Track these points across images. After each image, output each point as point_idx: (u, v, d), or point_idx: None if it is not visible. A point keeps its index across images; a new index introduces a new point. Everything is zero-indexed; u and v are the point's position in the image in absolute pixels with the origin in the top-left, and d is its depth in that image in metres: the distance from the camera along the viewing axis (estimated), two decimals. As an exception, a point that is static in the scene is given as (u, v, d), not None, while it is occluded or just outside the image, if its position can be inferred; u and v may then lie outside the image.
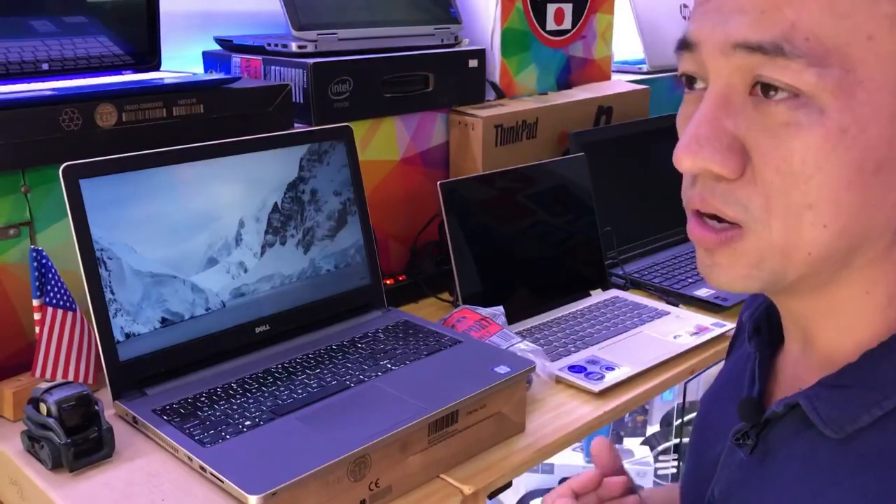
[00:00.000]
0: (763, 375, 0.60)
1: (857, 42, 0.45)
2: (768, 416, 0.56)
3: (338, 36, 1.29)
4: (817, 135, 0.46)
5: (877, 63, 0.46)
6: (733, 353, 0.71)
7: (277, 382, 0.93)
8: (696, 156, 0.48)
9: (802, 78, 0.46)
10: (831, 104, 0.46)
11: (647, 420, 1.89)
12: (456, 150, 1.46)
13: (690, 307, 1.36)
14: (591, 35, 1.70)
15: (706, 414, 0.69)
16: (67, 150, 0.94)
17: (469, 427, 0.92)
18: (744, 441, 0.58)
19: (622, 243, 1.50)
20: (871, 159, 0.46)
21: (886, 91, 0.46)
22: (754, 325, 0.63)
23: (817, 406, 0.52)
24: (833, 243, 0.48)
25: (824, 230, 0.48)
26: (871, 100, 0.46)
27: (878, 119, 0.46)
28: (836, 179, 0.46)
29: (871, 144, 0.46)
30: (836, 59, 0.45)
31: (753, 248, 0.50)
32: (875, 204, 0.48)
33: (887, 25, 0.45)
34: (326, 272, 1.10)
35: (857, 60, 0.45)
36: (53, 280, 0.91)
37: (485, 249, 1.29)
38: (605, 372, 1.12)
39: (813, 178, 0.47)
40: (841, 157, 0.46)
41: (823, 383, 0.52)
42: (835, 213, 0.47)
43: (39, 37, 1.10)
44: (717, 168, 0.48)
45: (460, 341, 1.03)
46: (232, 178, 1.02)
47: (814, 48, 0.45)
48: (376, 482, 0.84)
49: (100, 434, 0.82)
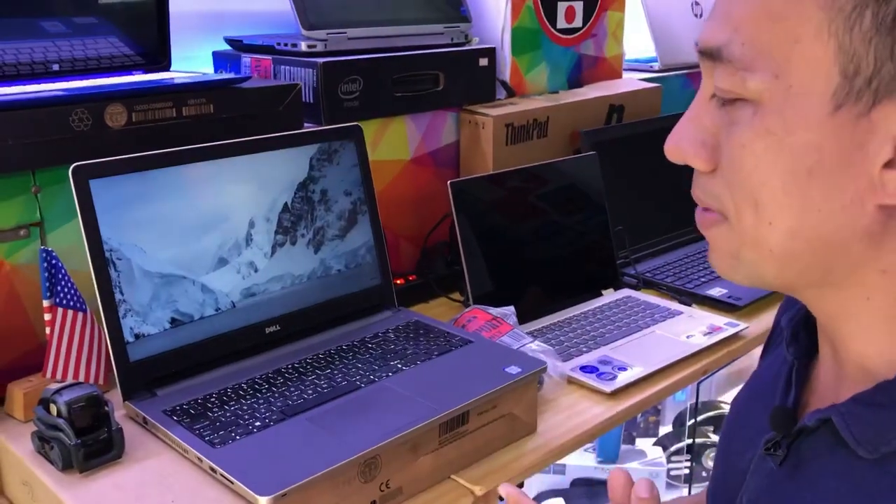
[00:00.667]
0: (799, 383, 0.60)
1: (786, 46, 0.46)
2: (800, 428, 0.55)
3: (347, 35, 1.28)
4: (749, 135, 0.48)
5: (804, 67, 0.46)
6: (768, 356, 0.70)
7: (287, 383, 0.93)
8: (675, 148, 0.53)
9: (734, 81, 0.48)
10: (763, 107, 0.48)
11: (659, 420, 1.88)
12: (466, 149, 1.45)
13: (703, 307, 1.35)
14: (602, 33, 1.69)
15: (737, 417, 0.67)
16: (77, 151, 0.94)
17: (480, 428, 0.91)
18: (774, 451, 0.56)
19: (634, 242, 1.49)
20: (801, 164, 0.47)
21: (814, 95, 0.46)
22: (792, 331, 0.62)
23: (850, 424, 0.51)
24: (788, 243, 0.49)
25: (771, 228, 0.49)
26: (799, 104, 0.46)
27: (807, 124, 0.46)
28: (771, 180, 0.48)
29: (799, 148, 0.47)
30: (767, 63, 0.47)
31: (728, 237, 0.52)
32: (819, 208, 0.48)
33: (813, 29, 0.45)
34: (337, 272, 1.10)
35: (786, 65, 0.46)
36: (64, 281, 0.91)
37: (495, 249, 1.28)
38: (617, 372, 1.11)
39: (752, 175, 0.49)
40: (771, 160, 0.48)
41: (858, 400, 0.51)
42: (778, 212, 0.49)
43: (50, 37, 1.10)
44: (690, 160, 0.53)
45: (471, 341, 1.03)
46: (242, 178, 1.01)
47: (746, 53, 0.47)
48: (387, 483, 0.84)
49: (110, 435, 0.81)
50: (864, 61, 0.44)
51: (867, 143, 0.46)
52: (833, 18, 0.45)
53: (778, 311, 0.70)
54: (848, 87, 0.45)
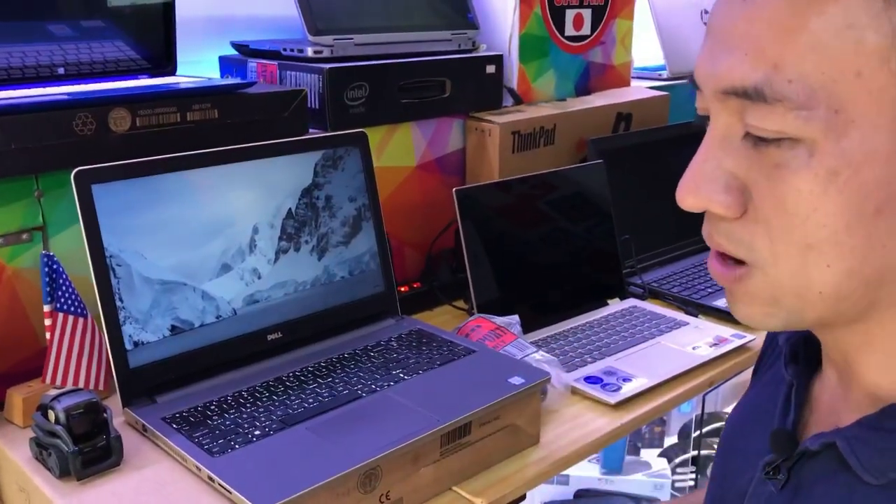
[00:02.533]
0: (799, 404, 0.58)
1: (844, 80, 0.43)
2: (801, 451, 0.54)
3: (354, 41, 1.28)
4: (807, 178, 0.45)
5: (868, 101, 0.43)
6: (762, 373, 0.69)
7: (288, 391, 0.92)
8: (695, 195, 0.48)
9: (787, 122, 0.44)
10: (821, 146, 0.44)
11: (664, 431, 1.87)
12: (472, 156, 1.44)
13: (710, 318, 1.34)
14: (611, 41, 1.69)
15: (733, 437, 0.66)
16: (81, 155, 0.94)
17: (482, 439, 0.90)
18: (774, 475, 0.55)
19: (641, 252, 1.48)
20: (869, 201, 0.44)
21: (882, 129, 0.43)
22: (792, 350, 0.60)
23: (856, 449, 0.49)
24: (843, 283, 0.47)
25: (828, 270, 0.46)
26: (865, 140, 0.44)
27: (874, 160, 0.44)
28: (833, 221, 0.45)
29: (867, 187, 0.44)
30: (823, 99, 0.43)
31: (763, 286, 0.49)
32: (883, 245, 0.46)
33: (876, 60, 0.43)
34: (340, 279, 1.09)
35: (846, 99, 0.43)
36: (64, 286, 0.91)
37: (501, 257, 1.27)
38: (621, 383, 1.10)
39: (809, 219, 0.45)
40: (834, 200, 0.45)
41: (864, 424, 0.50)
42: (838, 253, 0.46)
43: (56, 41, 1.09)
44: (716, 207, 0.48)
45: (474, 351, 1.02)
46: (246, 184, 1.01)
47: (797, 90, 0.44)
48: (387, 494, 0.83)
49: (108, 442, 0.81)
50: None
51: None
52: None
53: None
54: None
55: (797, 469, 0.54)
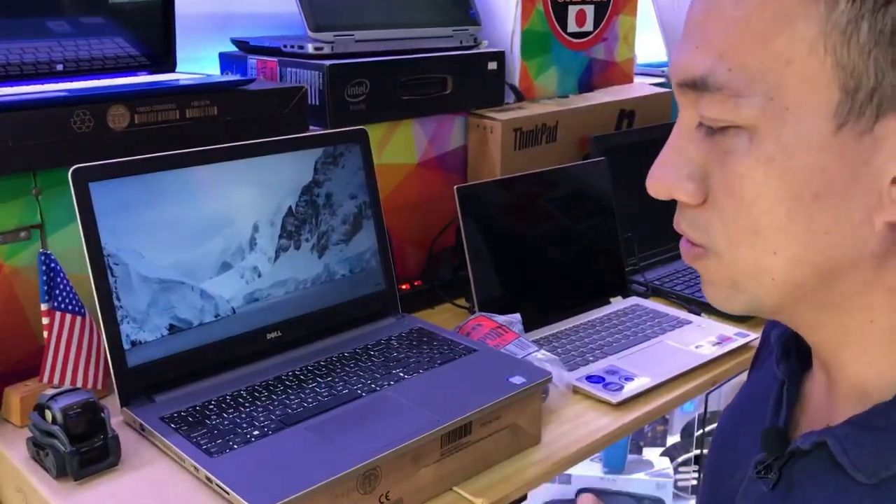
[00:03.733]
0: (790, 403, 0.58)
1: (778, 68, 0.44)
2: (792, 450, 0.53)
3: (355, 37, 1.27)
4: (748, 164, 0.46)
5: (800, 88, 0.44)
6: (756, 371, 0.68)
7: (288, 391, 0.92)
8: (661, 182, 0.51)
9: (727, 109, 0.46)
10: (760, 133, 0.46)
11: (667, 430, 1.85)
12: (474, 153, 1.44)
13: (713, 316, 1.33)
14: (614, 37, 1.68)
15: (726, 435, 0.66)
16: (79, 153, 0.93)
17: (483, 439, 0.90)
18: (765, 474, 0.55)
19: (643, 250, 1.47)
20: (806, 188, 0.45)
21: (814, 116, 0.44)
22: (783, 348, 0.60)
23: (847, 448, 0.49)
24: (793, 270, 0.47)
25: (776, 257, 0.47)
26: (799, 126, 0.44)
27: (808, 146, 0.45)
28: (775, 207, 0.46)
29: (803, 173, 0.45)
30: (760, 86, 0.45)
31: (719, 270, 0.51)
32: (827, 231, 0.46)
33: (806, 47, 0.43)
34: (341, 277, 1.08)
35: (780, 87, 0.44)
36: (62, 284, 0.90)
37: (502, 255, 1.27)
38: (623, 382, 1.09)
39: (754, 205, 0.47)
40: (774, 186, 0.46)
41: (854, 422, 0.49)
42: (782, 240, 0.47)
43: (55, 37, 1.09)
44: (677, 194, 0.50)
45: (475, 350, 1.01)
46: (246, 182, 1.00)
47: (736, 77, 0.45)
48: (387, 495, 0.82)
49: (105, 442, 0.80)
50: (865, 75, 0.43)
51: (872, 159, 0.44)
52: (828, 34, 0.43)
53: (766, 325, 0.68)
54: (849, 103, 0.43)
55: (788, 468, 0.54)
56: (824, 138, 0.44)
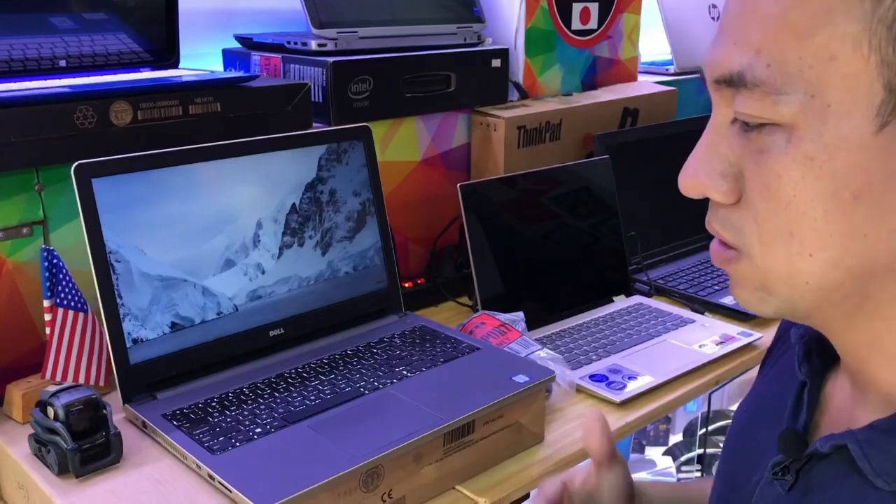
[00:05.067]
0: (811, 404, 0.57)
1: (819, 65, 0.43)
2: (811, 453, 0.52)
3: (358, 34, 1.27)
4: (785, 163, 0.45)
5: (842, 86, 0.43)
6: (770, 368, 0.67)
7: (290, 388, 0.91)
8: (693, 180, 0.50)
9: (765, 106, 0.45)
10: (799, 131, 0.44)
11: (669, 429, 1.85)
12: (477, 151, 1.43)
13: (716, 315, 1.32)
14: (618, 35, 1.67)
15: (741, 434, 0.64)
16: (81, 149, 0.93)
17: (486, 437, 0.89)
18: (783, 475, 0.54)
19: (647, 248, 1.47)
20: (845, 188, 0.44)
21: (856, 115, 0.43)
22: (805, 348, 0.58)
23: (868, 453, 0.48)
24: (829, 273, 0.46)
25: (811, 259, 0.46)
26: (840, 125, 0.43)
27: (848, 146, 0.43)
28: (812, 208, 0.45)
29: (842, 173, 0.44)
30: (800, 83, 0.44)
31: (751, 272, 0.49)
32: (865, 234, 0.45)
33: (849, 45, 0.42)
34: (344, 274, 1.08)
35: (821, 84, 0.43)
36: (65, 281, 0.90)
37: (505, 253, 1.26)
38: (627, 381, 1.09)
39: (790, 205, 0.45)
40: (812, 186, 0.44)
41: (877, 427, 0.48)
42: (818, 242, 0.45)
43: (58, 33, 1.08)
44: (711, 193, 0.49)
45: (478, 348, 1.01)
46: (249, 179, 1.00)
47: (774, 74, 0.44)
48: (389, 493, 0.82)
49: (107, 439, 0.80)
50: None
51: None
52: (874, 31, 0.42)
53: (782, 323, 0.67)
54: (893, 102, 0.42)
55: (806, 471, 0.53)
56: (865, 138, 0.43)
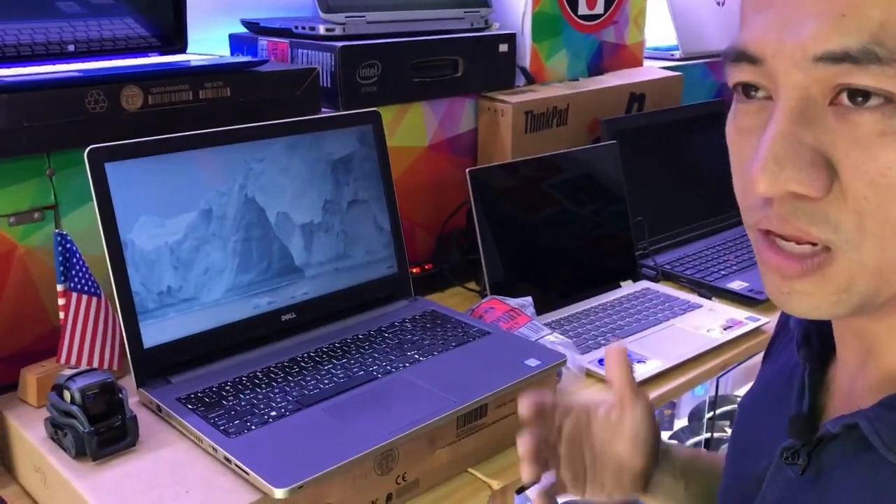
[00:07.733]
0: (814, 388, 0.57)
1: None
2: (821, 435, 0.53)
3: (366, 19, 1.26)
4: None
5: None
6: (774, 357, 0.67)
7: (303, 372, 0.92)
8: (777, 177, 0.43)
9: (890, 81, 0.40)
10: None
11: (674, 414, 1.86)
12: (484, 136, 1.43)
13: (723, 300, 1.33)
14: (624, 20, 1.67)
15: (747, 423, 0.65)
16: (92, 133, 0.93)
17: (498, 421, 0.90)
18: (793, 460, 0.54)
19: (654, 233, 1.47)
20: None
21: None
22: (804, 333, 0.58)
23: (879, 429, 0.48)
24: None
25: None
26: None
27: None
28: None
29: None
30: None
31: (843, 271, 0.45)
32: None
33: None
34: (354, 260, 1.08)
35: None
36: (78, 265, 0.90)
37: (513, 238, 1.26)
38: (635, 366, 1.09)
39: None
40: None
41: (886, 404, 0.48)
42: None
43: (66, 18, 1.08)
44: (802, 188, 0.43)
45: (489, 332, 1.01)
46: (261, 164, 1.00)
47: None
48: (403, 476, 0.83)
49: (123, 422, 0.80)
50: None
51: None
52: None
53: (782, 312, 0.66)
54: None
55: (817, 453, 0.53)
56: None
